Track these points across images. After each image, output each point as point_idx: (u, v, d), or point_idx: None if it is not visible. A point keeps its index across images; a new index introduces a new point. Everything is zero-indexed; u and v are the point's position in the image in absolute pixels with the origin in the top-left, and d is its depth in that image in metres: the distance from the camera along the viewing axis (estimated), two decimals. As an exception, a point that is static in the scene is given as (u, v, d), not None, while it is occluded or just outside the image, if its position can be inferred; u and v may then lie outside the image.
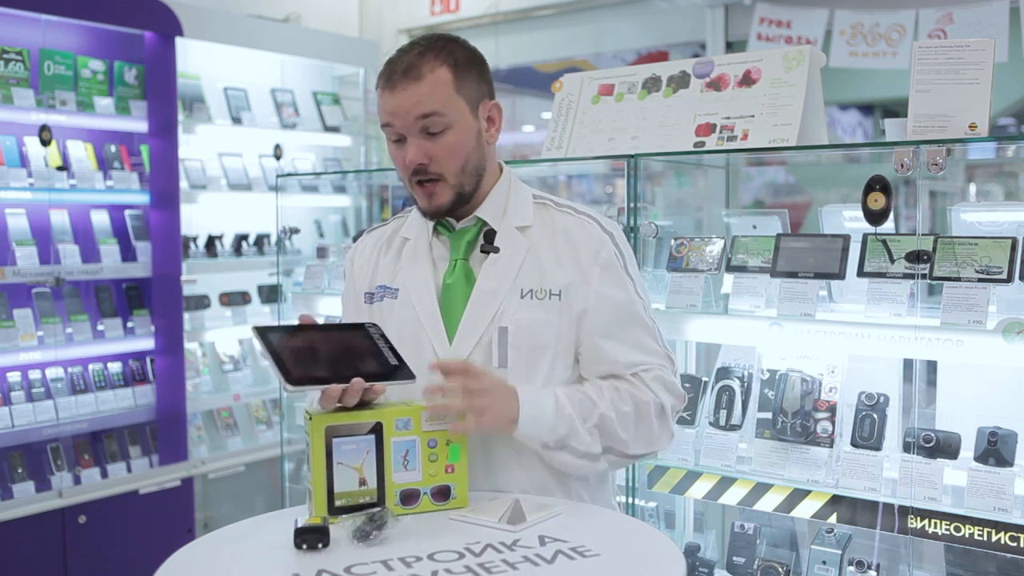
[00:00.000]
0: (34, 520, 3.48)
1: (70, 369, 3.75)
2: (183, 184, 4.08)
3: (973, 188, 7.01)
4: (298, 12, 5.13)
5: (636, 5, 5.48)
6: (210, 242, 4.31)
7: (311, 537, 1.41)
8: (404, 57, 1.66)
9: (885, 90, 6.92)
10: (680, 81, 2.50)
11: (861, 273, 2.18)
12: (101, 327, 3.84)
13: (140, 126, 3.98)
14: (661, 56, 5.75)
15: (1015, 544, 1.92)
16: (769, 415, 2.25)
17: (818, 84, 2.35)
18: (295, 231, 3.92)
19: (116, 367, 3.93)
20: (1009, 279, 2.00)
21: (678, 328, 2.39)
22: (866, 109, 8.63)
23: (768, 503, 2.21)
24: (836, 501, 2.13)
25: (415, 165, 1.65)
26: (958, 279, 2.03)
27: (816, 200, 7.04)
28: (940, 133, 2.02)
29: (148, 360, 4.02)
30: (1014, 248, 2.02)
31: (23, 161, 3.64)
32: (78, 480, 3.68)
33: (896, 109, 7.66)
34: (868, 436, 2.15)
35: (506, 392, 1.57)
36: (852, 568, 2.19)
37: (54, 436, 3.63)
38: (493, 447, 1.67)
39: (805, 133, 2.30)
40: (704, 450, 2.35)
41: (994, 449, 1.99)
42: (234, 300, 4.46)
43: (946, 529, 1.99)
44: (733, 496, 2.26)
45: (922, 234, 2.11)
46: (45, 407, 3.62)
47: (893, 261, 2.13)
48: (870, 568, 2.18)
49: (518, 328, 1.66)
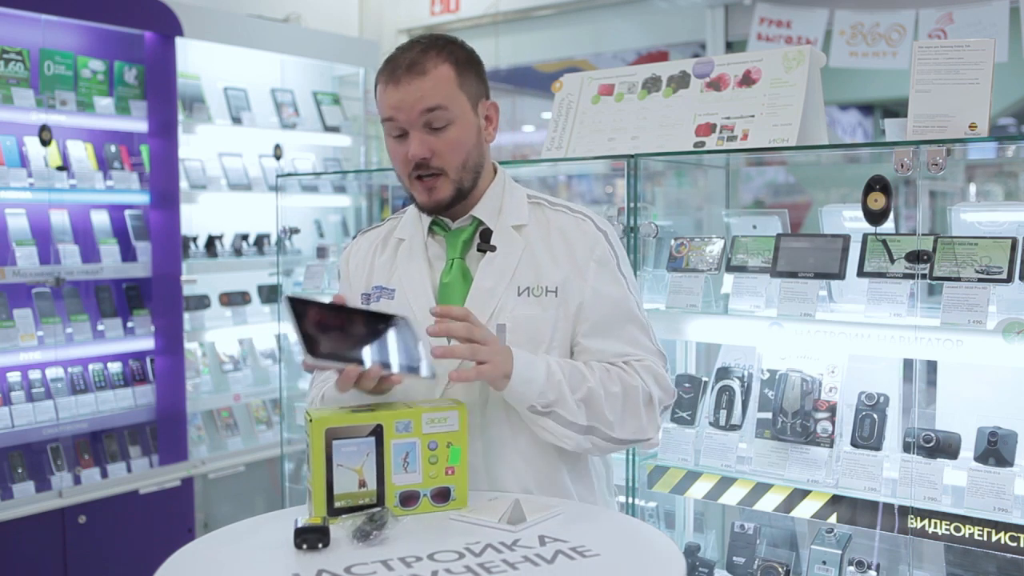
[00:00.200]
0: (34, 520, 3.48)
1: (70, 369, 3.75)
2: (183, 184, 4.08)
3: (973, 188, 7.00)
4: (298, 12, 5.13)
5: (636, 5, 5.48)
6: (210, 242, 4.30)
7: (311, 537, 1.41)
8: (407, 54, 1.66)
9: (885, 90, 6.92)
10: (680, 81, 2.50)
11: (861, 273, 2.18)
12: (101, 327, 3.84)
13: (140, 126, 3.98)
14: (661, 56, 5.75)
15: (1015, 544, 1.92)
16: (769, 415, 2.25)
17: (818, 84, 2.35)
18: (295, 231, 3.92)
19: (116, 367, 3.93)
20: (1009, 279, 2.00)
21: (678, 328, 2.39)
22: (866, 109, 8.63)
23: (768, 503, 2.21)
24: (836, 501, 2.13)
25: (418, 159, 1.65)
26: (958, 279, 2.03)
27: (816, 200, 7.04)
28: (940, 133, 2.02)
29: (148, 360, 4.02)
30: (1014, 248, 2.02)
31: (23, 161, 3.64)
32: (78, 480, 3.68)
33: (896, 109, 7.66)
34: (868, 436, 2.15)
35: (503, 348, 1.59)
36: (852, 568, 2.19)
37: (54, 436, 3.63)
38: (491, 441, 1.69)
39: (805, 133, 2.30)
40: (704, 450, 2.35)
41: (994, 449, 1.99)
42: (234, 300, 4.46)
43: (946, 529, 1.99)
44: (733, 496, 2.26)
45: (922, 234, 2.11)
46: (45, 407, 3.62)
47: (893, 261, 2.13)
48: (870, 568, 2.18)
49: (516, 325, 1.67)
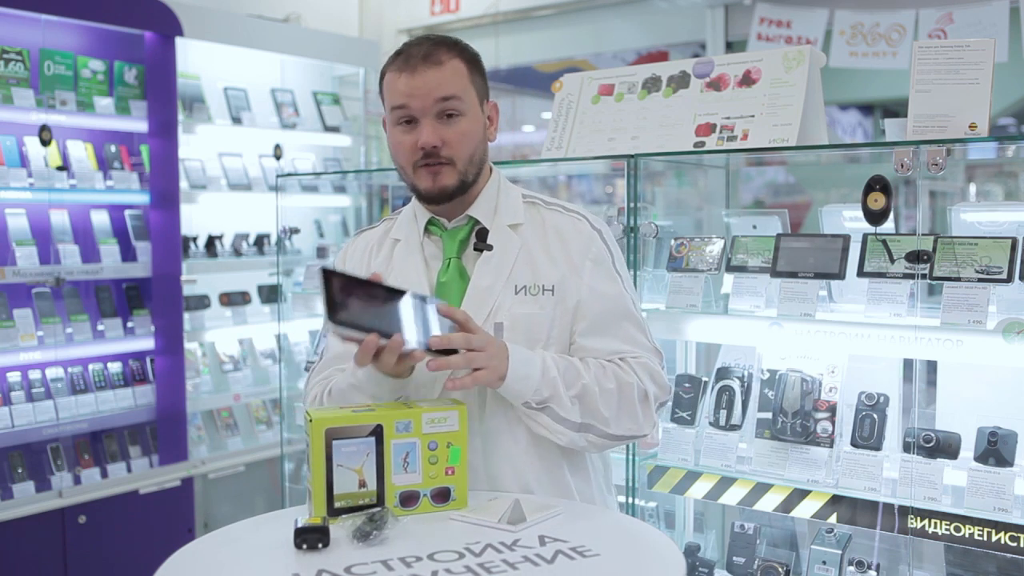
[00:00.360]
0: (34, 520, 3.48)
1: (70, 369, 3.75)
2: (183, 184, 4.08)
3: (973, 188, 7.00)
4: (298, 12, 5.13)
5: (636, 5, 5.48)
6: (210, 242, 4.30)
7: (311, 537, 1.41)
8: (419, 47, 1.68)
9: (885, 90, 6.91)
10: (680, 81, 2.50)
11: (861, 273, 2.18)
12: (101, 327, 3.84)
13: (140, 126, 3.98)
14: (661, 56, 5.75)
15: (1015, 544, 1.92)
16: (769, 415, 2.25)
17: (818, 84, 2.35)
18: (295, 231, 3.92)
19: (116, 367, 3.93)
20: (1009, 279, 2.00)
21: (678, 328, 2.39)
22: (866, 109, 8.63)
23: (768, 503, 2.21)
24: (836, 501, 2.13)
25: (429, 146, 1.66)
26: (958, 279, 2.03)
27: (816, 200, 7.03)
28: (940, 133, 2.02)
29: (148, 360, 4.02)
30: (1014, 248, 2.02)
31: (23, 161, 3.64)
32: (78, 480, 3.68)
33: (896, 109, 7.66)
34: (868, 436, 2.15)
35: (500, 349, 1.59)
36: (852, 568, 2.19)
37: (54, 436, 3.63)
38: (489, 437, 1.69)
39: (805, 133, 2.30)
40: (704, 450, 2.35)
41: (994, 449, 1.99)
42: (234, 300, 4.46)
43: (946, 529, 1.99)
44: (733, 496, 2.26)
45: (922, 234, 2.11)
46: (45, 407, 3.62)
47: (893, 261, 2.13)
48: (870, 568, 2.18)
49: (514, 323, 1.68)
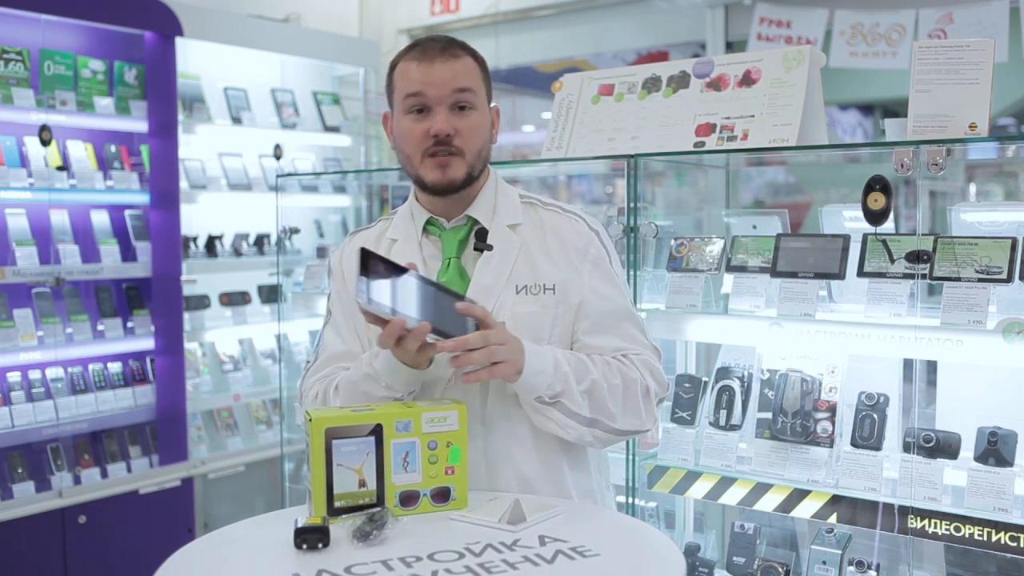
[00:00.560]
0: (34, 520, 3.48)
1: (70, 369, 3.75)
2: (183, 184, 4.08)
3: (973, 188, 7.00)
4: (298, 12, 5.13)
5: (636, 5, 5.48)
6: (210, 242, 4.30)
7: (311, 537, 1.41)
8: (436, 41, 1.71)
9: (885, 90, 6.92)
10: (680, 81, 2.50)
11: (861, 273, 2.18)
12: (101, 327, 3.84)
13: (140, 126, 3.98)
14: (661, 56, 5.75)
15: (1015, 544, 1.92)
16: (769, 415, 2.25)
17: (818, 84, 2.35)
18: (295, 231, 3.92)
19: (116, 367, 3.93)
20: (1009, 279, 2.00)
21: (678, 328, 2.39)
22: (866, 109, 8.63)
23: (768, 503, 2.21)
24: (836, 501, 2.13)
25: (443, 134, 1.66)
26: (958, 279, 2.03)
27: (816, 200, 7.03)
28: (940, 133, 2.02)
29: (148, 360, 4.02)
30: (1014, 248, 2.02)
31: (23, 161, 3.64)
32: (78, 480, 3.68)
33: (896, 109, 7.66)
34: (868, 436, 2.15)
35: (516, 344, 1.60)
36: (852, 568, 2.19)
37: (54, 436, 3.63)
38: (491, 434, 1.69)
39: (805, 133, 2.30)
40: (704, 450, 2.35)
41: (994, 449, 1.99)
42: (234, 300, 4.46)
43: (946, 529, 1.99)
44: (733, 496, 2.26)
45: (922, 234, 2.11)
46: (45, 407, 3.62)
47: (893, 261, 2.13)
48: (870, 568, 2.18)
49: (516, 322, 1.68)
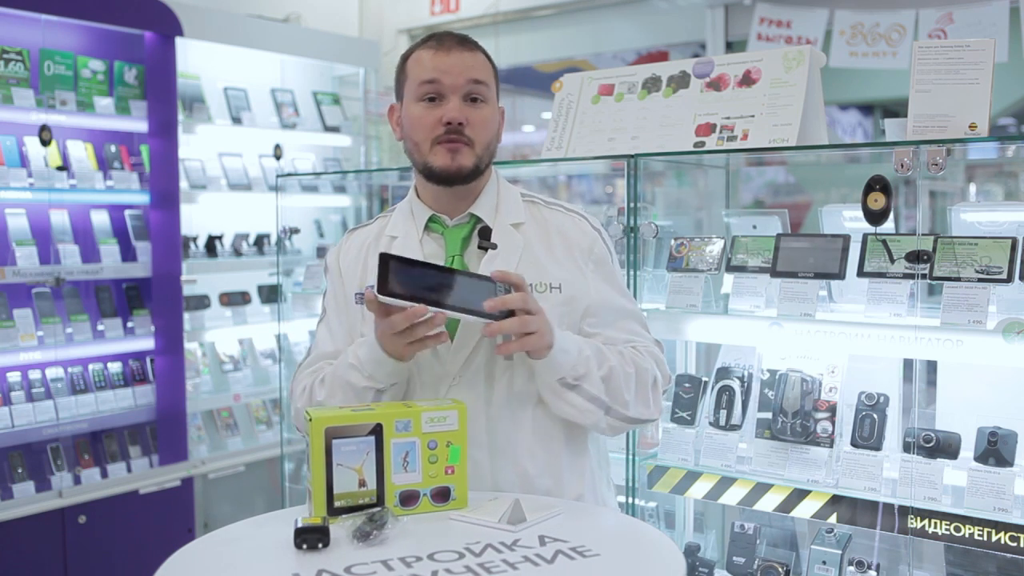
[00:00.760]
0: (34, 520, 3.48)
1: (70, 369, 3.75)
2: (183, 184, 4.08)
3: (973, 188, 7.01)
4: (298, 12, 5.13)
5: (636, 5, 5.48)
6: (210, 242, 4.31)
7: (311, 537, 1.41)
8: (451, 34, 1.72)
9: (885, 90, 6.92)
10: (680, 81, 2.50)
11: (861, 273, 2.18)
12: (101, 327, 3.84)
13: (140, 126, 3.98)
14: (661, 56, 5.75)
15: (1015, 544, 1.92)
16: (769, 415, 2.25)
17: (818, 84, 2.35)
18: (295, 231, 3.92)
19: (116, 367, 3.93)
20: (1009, 279, 2.00)
21: (678, 328, 2.39)
22: (866, 109, 8.63)
23: (768, 503, 2.21)
24: (836, 501, 2.13)
25: (456, 122, 1.67)
26: (958, 279, 2.03)
27: (816, 200, 7.04)
28: (940, 133, 2.02)
29: (148, 360, 4.02)
30: (1014, 248, 2.02)
31: (23, 161, 3.64)
32: (78, 480, 3.68)
33: (896, 109, 7.67)
34: (868, 436, 2.15)
35: (548, 320, 1.60)
36: (852, 568, 2.19)
37: (54, 436, 3.63)
38: (495, 432, 1.70)
39: (805, 133, 2.30)
40: (704, 450, 2.34)
41: (994, 449, 1.99)
42: (234, 300, 4.46)
43: (946, 529, 1.99)
44: (733, 496, 2.26)
45: (922, 234, 2.11)
46: (45, 407, 3.62)
47: (893, 261, 2.13)
48: (870, 568, 2.18)
49: None
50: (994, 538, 1.94)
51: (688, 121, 2.44)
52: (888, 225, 2.13)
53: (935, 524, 2.00)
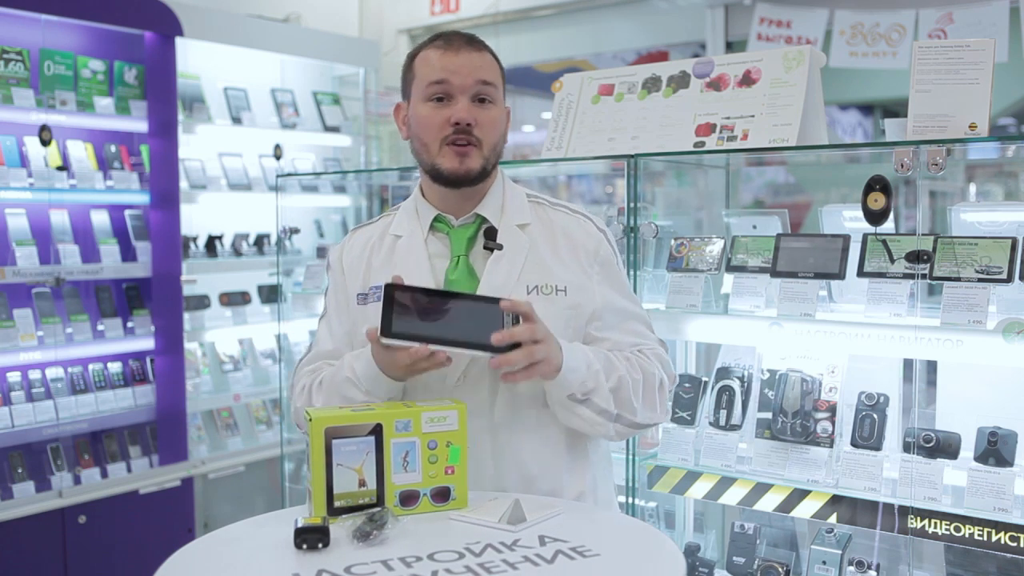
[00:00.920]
0: (34, 520, 3.48)
1: (70, 369, 3.75)
2: (183, 184, 4.08)
3: (973, 188, 7.00)
4: (298, 12, 5.13)
5: (636, 5, 5.48)
6: (210, 242, 4.31)
7: (311, 537, 1.41)
8: (460, 34, 1.72)
9: (885, 90, 6.92)
10: (680, 81, 2.50)
11: (861, 273, 2.18)
12: (101, 327, 3.84)
13: (140, 126, 3.98)
14: (661, 56, 5.75)
15: (1015, 544, 1.92)
16: (769, 415, 2.25)
17: (818, 84, 2.35)
18: (295, 231, 3.92)
19: (116, 367, 3.93)
20: (1009, 279, 2.00)
21: (678, 328, 2.39)
22: (866, 109, 8.63)
23: (768, 503, 2.21)
24: (836, 501, 2.13)
25: (465, 122, 1.66)
26: (958, 279, 2.03)
27: (816, 200, 7.04)
28: (940, 133, 2.02)
29: (148, 360, 4.02)
30: (1014, 248, 2.02)
31: (23, 161, 3.64)
32: (78, 480, 3.68)
33: (896, 109, 7.67)
34: (868, 436, 2.15)
35: (554, 341, 1.59)
36: (852, 568, 2.19)
37: (54, 436, 3.63)
38: (498, 436, 1.69)
39: (805, 133, 2.30)
40: (704, 450, 2.34)
41: (994, 449, 1.99)
42: (234, 300, 4.46)
43: (946, 529, 1.99)
44: (733, 496, 2.26)
45: (922, 234, 2.11)
46: (45, 407, 3.62)
47: (893, 261, 2.13)
48: (870, 568, 2.18)
49: None
50: (994, 538, 1.94)
51: (688, 121, 2.44)
52: (888, 225, 2.13)
53: (935, 524, 2.00)
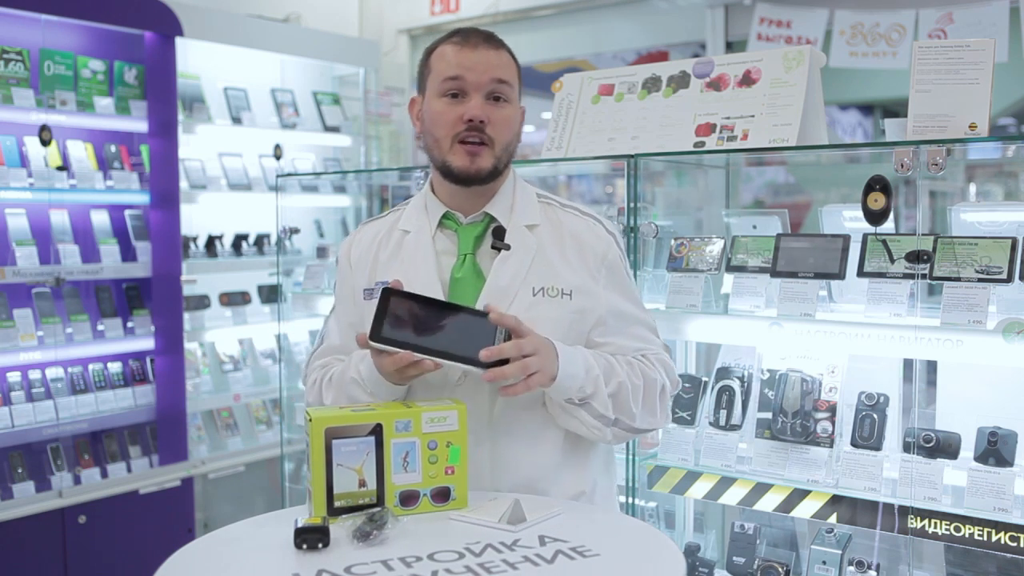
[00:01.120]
0: (34, 520, 3.48)
1: (70, 369, 3.75)
2: (183, 184, 4.08)
3: (973, 188, 7.00)
4: (298, 12, 5.13)
5: (636, 5, 5.48)
6: (210, 242, 4.31)
7: (311, 537, 1.41)
8: (478, 31, 1.71)
9: (885, 90, 6.92)
10: (680, 81, 2.50)
11: (861, 273, 2.18)
12: (101, 327, 3.84)
13: (140, 126, 3.98)
14: (661, 56, 5.75)
15: (1015, 544, 1.92)
16: (769, 415, 2.25)
17: (818, 84, 2.35)
18: (295, 231, 3.92)
19: (116, 367, 3.93)
20: (1009, 279, 2.00)
21: (678, 328, 2.39)
22: (866, 109, 8.63)
23: (768, 503, 2.21)
24: (836, 501, 2.13)
25: (479, 119, 1.65)
26: (958, 279, 2.03)
27: (816, 200, 7.04)
28: (940, 133, 2.02)
29: (148, 360, 4.02)
30: (1014, 248, 2.02)
31: (23, 161, 3.64)
32: (78, 480, 3.68)
33: (896, 109, 7.67)
34: (868, 436, 2.15)
35: (550, 351, 1.59)
36: (852, 568, 2.19)
37: (54, 436, 3.63)
38: (497, 438, 1.69)
39: (805, 133, 2.30)
40: (704, 450, 2.34)
41: (994, 449, 1.99)
42: (234, 300, 4.46)
43: (946, 529, 1.99)
44: (733, 496, 2.26)
45: (922, 234, 2.11)
46: (45, 407, 3.62)
47: (893, 261, 2.13)
48: (870, 568, 2.18)
49: (531, 325, 1.64)
50: (994, 538, 1.94)
51: (688, 121, 2.44)
52: (888, 225, 2.13)
53: (935, 524, 2.00)
